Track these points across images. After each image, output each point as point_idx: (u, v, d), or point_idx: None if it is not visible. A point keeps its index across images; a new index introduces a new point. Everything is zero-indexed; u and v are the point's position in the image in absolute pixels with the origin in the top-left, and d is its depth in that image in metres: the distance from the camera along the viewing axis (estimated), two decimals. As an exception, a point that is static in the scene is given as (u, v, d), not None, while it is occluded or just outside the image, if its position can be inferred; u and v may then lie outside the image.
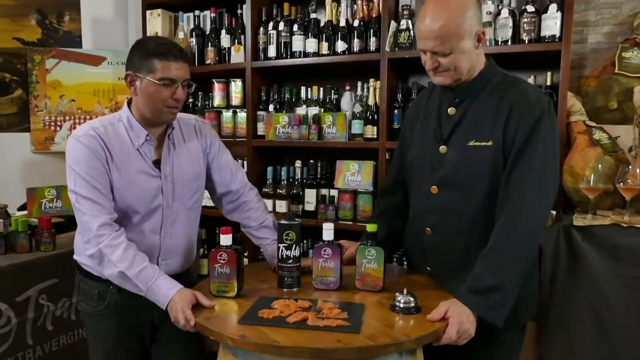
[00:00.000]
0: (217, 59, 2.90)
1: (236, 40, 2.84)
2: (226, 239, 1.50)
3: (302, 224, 1.62)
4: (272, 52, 2.72)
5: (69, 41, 3.34)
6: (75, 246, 1.69)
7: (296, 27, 2.65)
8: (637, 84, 2.11)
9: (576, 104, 2.16)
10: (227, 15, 2.89)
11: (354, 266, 1.58)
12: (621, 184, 1.89)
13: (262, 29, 2.75)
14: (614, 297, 1.85)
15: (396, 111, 2.46)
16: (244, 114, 2.83)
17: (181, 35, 2.96)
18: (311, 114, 2.65)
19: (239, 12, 2.85)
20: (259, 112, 2.82)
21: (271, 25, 2.71)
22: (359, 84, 2.64)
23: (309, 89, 2.76)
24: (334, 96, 2.73)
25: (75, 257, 1.69)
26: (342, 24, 2.56)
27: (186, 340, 1.65)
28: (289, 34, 2.68)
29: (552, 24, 2.10)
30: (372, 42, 2.47)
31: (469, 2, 1.42)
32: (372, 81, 2.53)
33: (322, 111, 2.67)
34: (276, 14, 2.75)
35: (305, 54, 2.65)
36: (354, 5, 2.57)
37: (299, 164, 2.73)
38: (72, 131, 1.60)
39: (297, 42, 2.65)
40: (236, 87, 2.89)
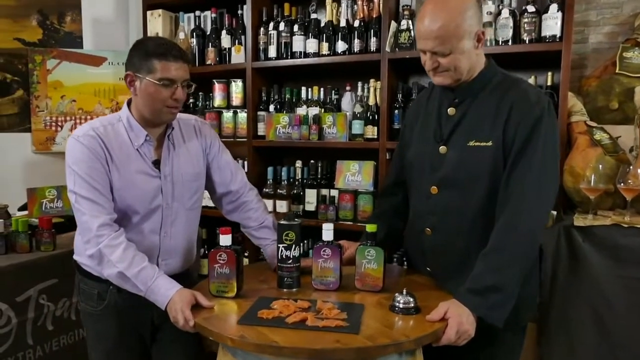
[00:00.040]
0: (217, 59, 2.90)
1: (237, 40, 2.84)
2: (226, 239, 1.50)
3: (301, 224, 1.62)
4: (272, 52, 2.72)
5: (70, 42, 3.35)
6: (75, 246, 1.69)
7: (297, 28, 2.65)
8: (638, 84, 2.10)
9: (577, 104, 2.16)
10: (227, 15, 2.90)
11: (353, 266, 1.57)
12: (622, 185, 1.89)
13: (262, 29, 2.75)
14: (614, 298, 1.85)
15: (396, 111, 2.46)
16: (245, 114, 2.83)
17: (182, 35, 2.96)
18: (312, 114, 2.65)
19: (240, 12, 2.85)
20: (259, 113, 2.82)
21: (272, 25, 2.72)
22: (360, 84, 2.64)
23: (309, 89, 2.76)
24: (335, 96, 2.73)
25: (75, 257, 1.69)
26: (343, 24, 2.56)
27: (186, 340, 1.65)
28: (289, 34, 2.68)
29: (552, 24, 2.10)
30: (373, 43, 2.47)
31: (468, 2, 1.41)
32: (372, 81, 2.52)
33: (322, 111, 2.67)
34: (277, 14, 2.75)
35: (305, 54, 2.65)
36: (354, 5, 2.57)
37: (299, 164, 2.73)
38: (73, 131, 1.60)
39: (298, 43, 2.65)
40: (237, 87, 2.90)
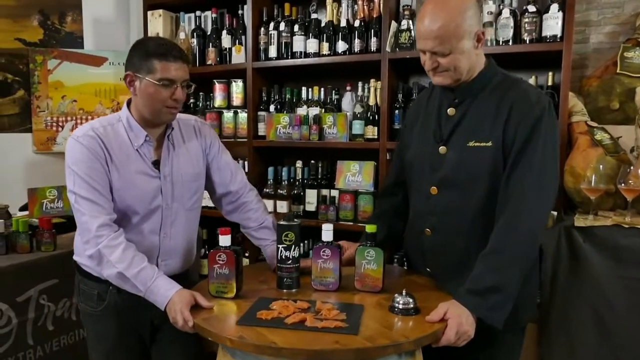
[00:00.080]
0: (218, 59, 2.90)
1: (237, 40, 2.84)
2: (225, 240, 1.50)
3: (301, 224, 1.61)
4: (273, 52, 2.72)
5: (71, 42, 3.35)
6: (75, 247, 1.69)
7: (297, 28, 2.64)
8: (639, 84, 2.10)
9: (578, 104, 2.15)
10: (228, 15, 2.90)
11: (353, 267, 1.57)
12: (623, 185, 1.88)
13: (263, 30, 2.75)
14: (615, 298, 1.84)
15: (397, 111, 2.46)
16: (245, 114, 2.83)
17: (182, 35, 2.96)
18: (312, 114, 2.64)
19: (240, 12, 2.85)
20: (259, 113, 2.82)
21: (272, 25, 2.72)
22: (360, 85, 2.64)
23: (309, 90, 2.76)
24: (335, 96, 2.73)
25: (75, 257, 1.69)
26: (343, 24, 2.55)
27: (186, 340, 1.65)
28: (289, 35, 2.68)
29: (553, 23, 2.09)
30: (373, 43, 2.46)
31: (468, 2, 1.41)
32: (372, 81, 2.52)
33: (322, 111, 2.67)
34: (277, 15, 2.75)
35: (306, 54, 2.64)
36: (354, 5, 2.56)
37: (299, 164, 2.73)
38: (73, 132, 1.60)
39: (298, 43, 2.65)
40: (237, 87, 2.90)
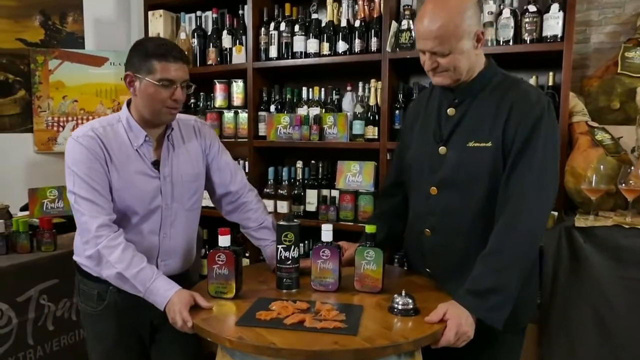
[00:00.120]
0: (218, 59, 2.90)
1: (237, 40, 2.84)
2: (224, 240, 1.50)
3: (301, 225, 1.61)
4: (273, 52, 2.71)
5: (72, 42, 3.35)
6: (74, 247, 1.69)
7: (297, 28, 2.64)
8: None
9: (578, 105, 2.15)
10: (228, 15, 2.90)
11: (353, 267, 1.57)
12: (623, 185, 1.88)
13: (263, 30, 2.74)
14: (615, 299, 1.84)
15: (397, 112, 2.45)
16: (246, 114, 2.83)
17: (183, 36, 2.96)
18: (312, 114, 2.64)
19: (241, 12, 2.85)
20: (260, 113, 2.82)
21: (272, 25, 2.71)
22: (360, 85, 2.63)
23: (310, 90, 2.76)
24: (335, 97, 2.72)
25: (74, 257, 1.69)
26: (344, 24, 2.55)
27: (185, 341, 1.65)
28: (290, 35, 2.68)
29: (554, 23, 2.09)
30: (374, 43, 2.46)
31: (467, 2, 1.41)
32: (373, 81, 2.52)
33: (323, 112, 2.67)
34: (277, 15, 2.75)
35: (306, 55, 2.64)
36: (355, 5, 2.56)
37: (300, 164, 2.73)
38: (73, 132, 1.61)
39: (299, 43, 2.64)
40: (237, 87, 2.90)
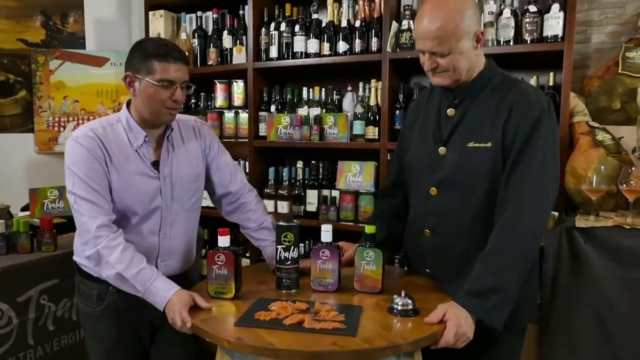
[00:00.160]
0: (219, 59, 2.90)
1: (238, 41, 2.84)
2: (224, 241, 1.50)
3: (300, 225, 1.61)
4: (273, 52, 2.71)
5: (73, 42, 3.36)
6: (74, 247, 1.69)
7: (298, 28, 2.64)
8: (641, 84, 2.09)
9: (579, 105, 2.14)
10: (229, 16, 2.90)
11: (353, 268, 1.57)
12: (624, 186, 1.87)
13: (264, 30, 2.74)
14: (616, 300, 1.83)
15: (398, 112, 2.45)
16: (246, 114, 2.83)
17: (183, 36, 2.96)
18: (313, 114, 2.64)
19: (241, 12, 2.85)
20: (260, 113, 2.82)
21: (273, 25, 2.71)
22: (361, 85, 2.63)
23: (310, 90, 2.75)
24: (336, 97, 2.72)
25: (74, 258, 1.69)
26: (344, 24, 2.55)
27: (185, 341, 1.65)
28: (290, 35, 2.67)
29: (554, 23, 2.08)
30: (374, 43, 2.46)
31: (467, 2, 1.41)
32: (373, 82, 2.52)
33: (323, 112, 2.67)
34: (278, 15, 2.75)
35: (306, 55, 2.64)
36: (355, 5, 2.56)
37: (300, 164, 2.73)
38: (73, 132, 1.61)
39: (299, 43, 2.64)
40: (238, 87, 2.90)
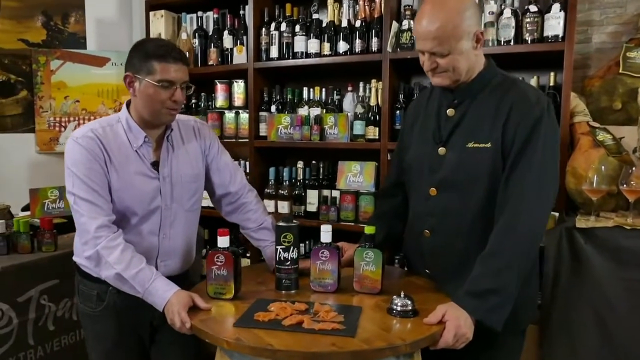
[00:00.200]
0: (219, 59, 2.90)
1: (238, 41, 2.84)
2: (223, 241, 1.50)
3: (299, 225, 1.61)
4: (274, 52, 2.71)
5: (74, 42, 3.36)
6: (74, 247, 1.69)
7: (298, 28, 2.64)
8: (641, 84, 2.09)
9: (580, 105, 2.14)
10: (229, 16, 2.90)
11: (352, 268, 1.57)
12: (625, 186, 1.87)
13: (264, 30, 2.74)
14: (616, 300, 1.83)
15: (398, 112, 2.45)
16: (246, 114, 2.83)
17: (184, 36, 2.96)
18: (313, 114, 2.64)
19: (242, 12, 2.85)
20: (261, 113, 2.82)
21: (273, 25, 2.71)
22: (361, 85, 2.63)
23: (311, 90, 2.75)
24: (336, 97, 2.72)
25: (74, 258, 1.69)
26: (344, 24, 2.55)
27: (185, 342, 1.65)
28: (291, 35, 2.67)
29: (555, 23, 2.08)
30: (374, 43, 2.46)
31: (467, 2, 1.40)
32: (374, 82, 2.51)
33: (324, 112, 2.66)
34: (278, 15, 2.75)
35: (307, 55, 2.64)
36: (355, 5, 2.55)
37: (301, 164, 2.72)
38: (73, 132, 1.61)
39: (299, 43, 2.64)
40: (238, 87, 2.90)
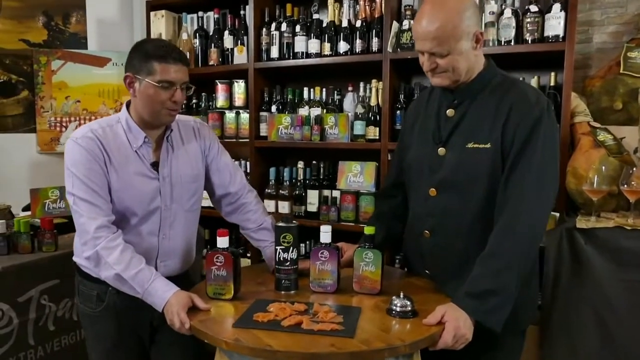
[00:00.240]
0: (220, 59, 2.90)
1: (239, 41, 2.84)
2: (223, 242, 1.50)
3: (299, 226, 1.60)
4: (274, 52, 2.71)
5: (75, 42, 3.37)
6: (74, 248, 1.69)
7: (299, 28, 2.64)
8: (642, 84, 2.08)
9: (580, 105, 2.13)
10: (230, 16, 2.91)
11: (352, 269, 1.56)
12: (625, 186, 1.86)
13: (264, 30, 2.74)
14: (617, 301, 1.83)
15: (398, 112, 2.45)
16: (247, 114, 2.83)
17: (185, 36, 2.97)
18: (313, 114, 2.64)
19: (242, 13, 2.85)
20: (261, 113, 2.82)
21: (274, 26, 2.71)
22: (362, 85, 2.62)
23: (311, 90, 2.75)
24: (337, 97, 2.72)
25: (74, 258, 1.69)
26: (345, 24, 2.55)
27: (185, 342, 1.65)
28: (291, 35, 2.67)
29: (555, 23, 2.07)
30: (375, 43, 2.45)
31: (466, 2, 1.40)
32: (374, 82, 2.51)
33: (324, 112, 2.66)
34: (279, 15, 2.75)
35: (307, 55, 2.64)
36: (356, 5, 2.55)
37: (301, 164, 2.72)
38: (73, 133, 1.61)
39: (300, 43, 2.64)
40: (239, 88, 2.90)
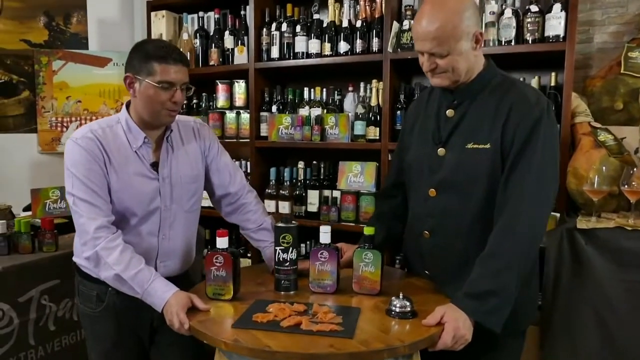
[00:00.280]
0: (220, 60, 2.90)
1: (239, 41, 2.84)
2: (222, 242, 1.50)
3: (298, 226, 1.60)
4: (275, 53, 2.71)
5: (76, 43, 3.37)
6: (74, 248, 1.69)
7: (299, 28, 2.64)
8: (643, 84, 2.08)
9: (581, 105, 2.13)
10: (230, 16, 2.90)
11: (352, 269, 1.56)
12: (626, 187, 1.86)
13: (265, 30, 2.74)
14: (617, 301, 1.82)
15: (399, 112, 2.44)
16: (247, 115, 2.83)
17: (185, 36, 2.97)
18: (314, 115, 2.64)
19: (243, 13, 2.85)
20: (262, 113, 2.82)
21: (274, 26, 2.71)
22: (362, 85, 2.62)
23: (311, 90, 2.75)
24: (337, 97, 2.72)
25: (74, 259, 1.69)
26: (345, 24, 2.54)
27: (185, 343, 1.65)
28: (291, 35, 2.67)
29: (556, 23, 2.07)
30: (375, 43, 2.45)
31: (466, 2, 1.40)
32: (374, 82, 2.51)
33: (324, 112, 2.66)
34: (279, 15, 2.75)
35: (308, 55, 2.64)
36: (356, 5, 2.55)
37: (301, 165, 2.72)
38: (73, 133, 1.61)
39: (300, 43, 2.64)
40: (239, 88, 2.90)
